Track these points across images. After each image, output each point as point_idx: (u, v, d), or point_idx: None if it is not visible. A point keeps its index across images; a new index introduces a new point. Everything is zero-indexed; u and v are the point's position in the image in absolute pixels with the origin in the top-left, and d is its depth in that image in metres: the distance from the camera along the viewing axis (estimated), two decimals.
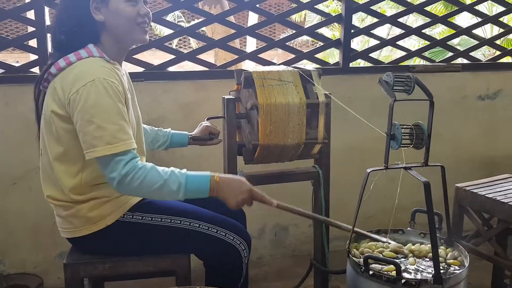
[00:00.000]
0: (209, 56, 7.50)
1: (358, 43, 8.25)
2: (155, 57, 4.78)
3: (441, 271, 1.58)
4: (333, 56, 7.33)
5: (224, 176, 1.60)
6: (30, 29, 2.49)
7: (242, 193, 1.57)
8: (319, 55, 3.15)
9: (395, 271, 1.55)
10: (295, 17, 10.03)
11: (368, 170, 1.63)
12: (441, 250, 1.77)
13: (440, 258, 1.65)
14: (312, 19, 9.63)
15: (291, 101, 1.89)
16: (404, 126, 1.62)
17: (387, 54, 7.70)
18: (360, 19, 8.01)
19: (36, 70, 2.49)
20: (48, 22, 2.44)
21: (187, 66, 3.08)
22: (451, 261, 1.72)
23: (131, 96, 1.75)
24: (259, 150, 1.91)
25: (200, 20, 2.80)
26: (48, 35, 2.42)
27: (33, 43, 2.54)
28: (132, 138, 1.53)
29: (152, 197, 1.60)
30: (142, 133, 1.83)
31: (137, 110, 1.82)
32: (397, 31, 3.10)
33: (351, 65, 2.96)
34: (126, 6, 1.61)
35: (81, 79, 1.49)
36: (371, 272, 1.58)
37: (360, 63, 4.99)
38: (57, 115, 1.55)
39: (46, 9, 2.45)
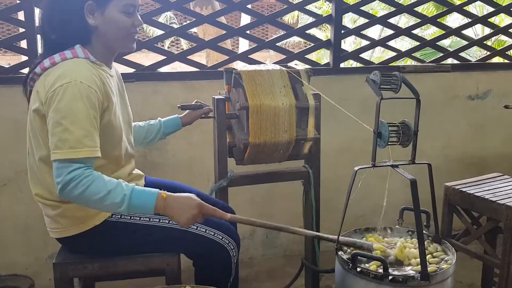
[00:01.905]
0: (201, 58, 7.51)
1: (351, 44, 8.28)
2: (148, 58, 4.79)
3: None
4: (327, 57, 7.35)
5: (172, 194, 1.54)
6: (21, 30, 2.48)
7: (191, 208, 1.52)
8: (312, 57, 3.16)
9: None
10: (288, 19, 10.06)
11: (356, 168, 1.64)
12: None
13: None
14: (304, 20, 9.64)
15: (280, 101, 1.90)
16: (391, 124, 1.64)
17: (380, 55, 7.73)
18: (352, 20, 8.03)
19: (26, 71, 2.48)
20: (38, 23, 2.44)
21: (180, 67, 3.08)
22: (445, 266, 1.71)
23: (120, 99, 1.75)
24: (250, 149, 1.92)
25: (191, 21, 2.81)
26: (38, 36, 2.42)
27: (23, 44, 2.53)
28: (98, 147, 1.50)
29: (95, 207, 1.52)
30: (131, 135, 1.81)
31: (128, 112, 1.82)
32: (389, 32, 3.11)
33: (342, 65, 2.97)
34: (122, 16, 1.61)
35: (61, 79, 1.48)
36: (358, 269, 1.59)
37: (353, 64, 5.01)
38: (39, 115, 1.53)
39: (36, 10, 2.44)
